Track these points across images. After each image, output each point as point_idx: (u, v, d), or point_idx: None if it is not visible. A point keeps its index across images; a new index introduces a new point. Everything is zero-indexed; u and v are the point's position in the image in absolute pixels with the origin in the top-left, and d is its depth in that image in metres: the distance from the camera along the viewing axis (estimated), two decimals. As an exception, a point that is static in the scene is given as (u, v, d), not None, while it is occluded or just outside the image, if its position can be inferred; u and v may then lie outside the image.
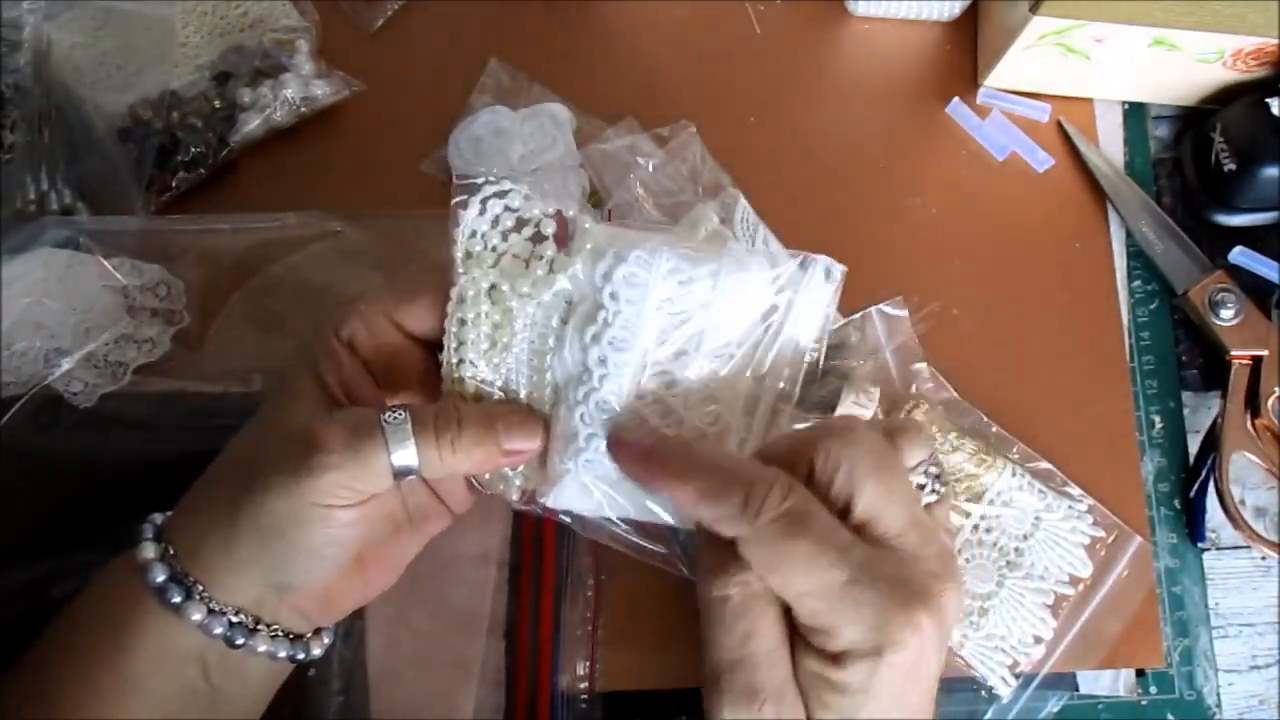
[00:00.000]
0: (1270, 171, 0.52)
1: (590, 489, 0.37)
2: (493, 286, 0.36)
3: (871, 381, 0.49)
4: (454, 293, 0.37)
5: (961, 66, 0.57)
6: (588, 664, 0.46)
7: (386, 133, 0.54)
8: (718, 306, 0.35)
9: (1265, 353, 0.51)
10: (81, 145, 0.51)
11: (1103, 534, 0.49)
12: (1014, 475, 0.49)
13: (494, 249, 0.36)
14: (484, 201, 0.36)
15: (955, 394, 0.51)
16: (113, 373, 0.46)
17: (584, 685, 0.46)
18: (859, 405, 0.48)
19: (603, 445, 0.35)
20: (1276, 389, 0.50)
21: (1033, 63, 0.54)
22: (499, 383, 0.37)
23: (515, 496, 0.38)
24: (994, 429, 0.50)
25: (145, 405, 0.46)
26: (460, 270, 0.36)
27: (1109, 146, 0.57)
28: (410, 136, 0.54)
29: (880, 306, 0.52)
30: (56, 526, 0.42)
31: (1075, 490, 0.50)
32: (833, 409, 0.48)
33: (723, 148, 0.54)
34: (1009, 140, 0.56)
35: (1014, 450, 0.50)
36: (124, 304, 0.46)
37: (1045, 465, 0.50)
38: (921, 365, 0.51)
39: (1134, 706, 0.49)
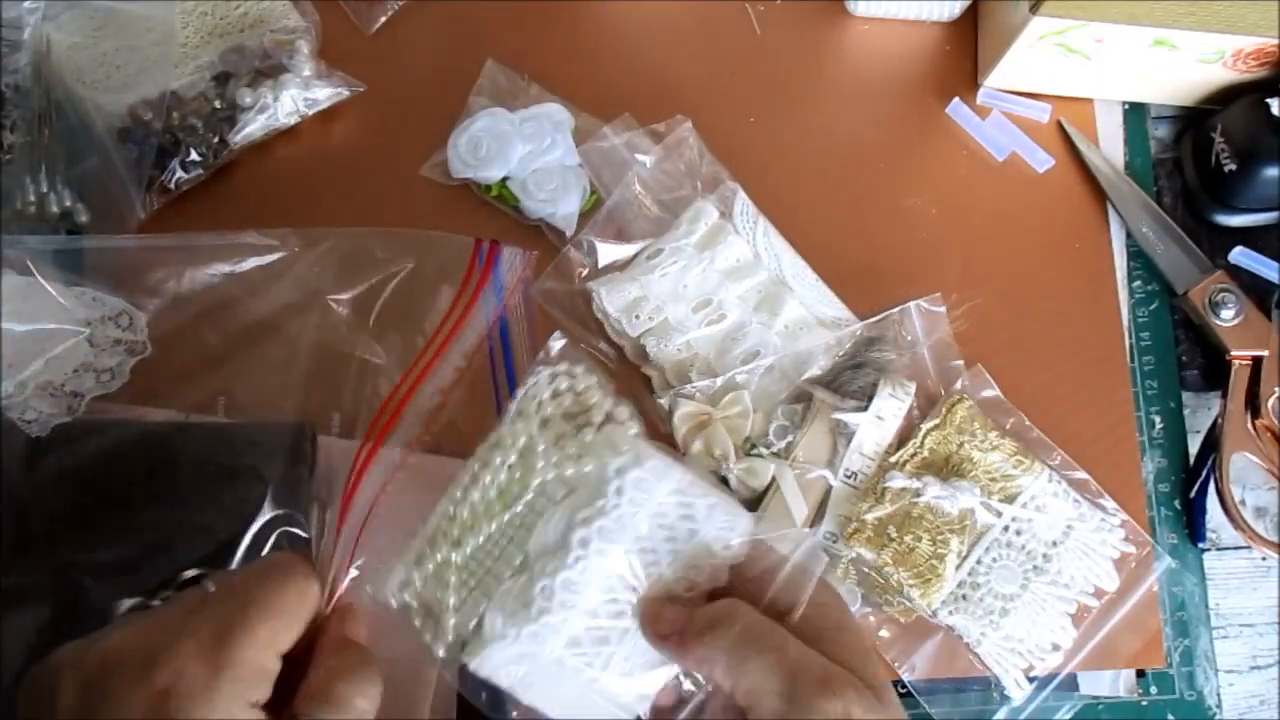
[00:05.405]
0: (1270, 171, 0.52)
1: (518, 664, 0.37)
2: (528, 445, 0.39)
3: (908, 375, 0.50)
4: (493, 436, 0.39)
5: (961, 66, 0.57)
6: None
7: (386, 133, 0.54)
8: (700, 537, 0.37)
9: (1265, 353, 0.51)
10: (81, 145, 0.51)
11: (1133, 549, 0.48)
12: (1050, 481, 0.48)
13: (543, 418, 0.39)
14: (555, 376, 0.40)
15: (999, 393, 0.50)
16: (68, 403, 0.45)
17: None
18: (895, 398, 0.48)
19: (550, 621, 0.36)
20: (1277, 389, 0.50)
21: (1033, 63, 0.54)
22: (482, 536, 0.39)
23: (442, 652, 0.38)
24: (1035, 433, 0.50)
25: (101, 434, 0.44)
26: (509, 421, 0.39)
27: (1109, 147, 0.57)
28: (410, 137, 0.54)
29: (919, 302, 0.52)
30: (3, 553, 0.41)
31: (1110, 504, 0.49)
32: (870, 399, 0.48)
33: (722, 148, 0.54)
34: (1009, 140, 0.56)
35: (1054, 456, 0.50)
36: (84, 333, 0.45)
37: (1082, 475, 0.50)
38: (959, 362, 0.51)
39: (1134, 707, 0.49)
